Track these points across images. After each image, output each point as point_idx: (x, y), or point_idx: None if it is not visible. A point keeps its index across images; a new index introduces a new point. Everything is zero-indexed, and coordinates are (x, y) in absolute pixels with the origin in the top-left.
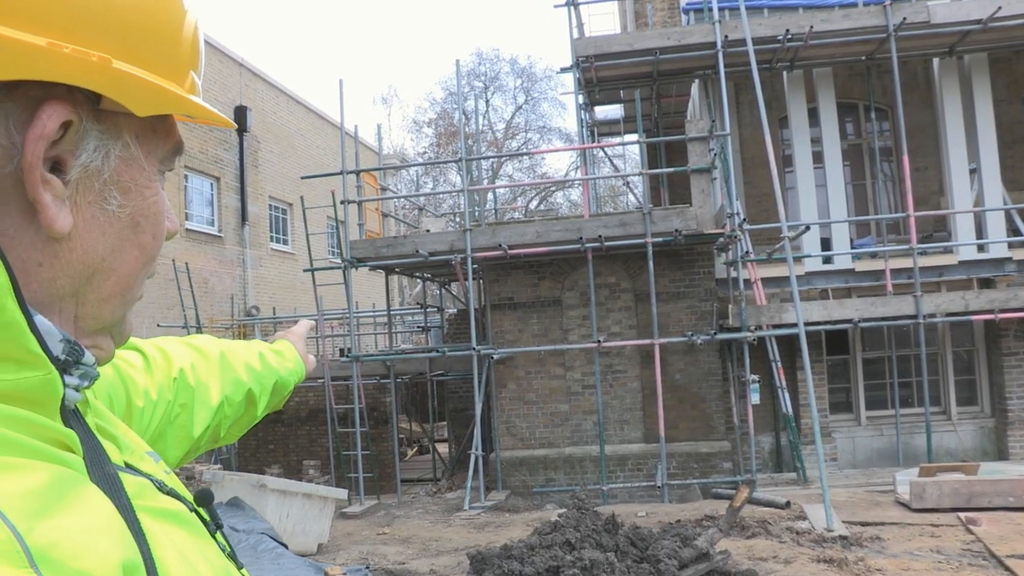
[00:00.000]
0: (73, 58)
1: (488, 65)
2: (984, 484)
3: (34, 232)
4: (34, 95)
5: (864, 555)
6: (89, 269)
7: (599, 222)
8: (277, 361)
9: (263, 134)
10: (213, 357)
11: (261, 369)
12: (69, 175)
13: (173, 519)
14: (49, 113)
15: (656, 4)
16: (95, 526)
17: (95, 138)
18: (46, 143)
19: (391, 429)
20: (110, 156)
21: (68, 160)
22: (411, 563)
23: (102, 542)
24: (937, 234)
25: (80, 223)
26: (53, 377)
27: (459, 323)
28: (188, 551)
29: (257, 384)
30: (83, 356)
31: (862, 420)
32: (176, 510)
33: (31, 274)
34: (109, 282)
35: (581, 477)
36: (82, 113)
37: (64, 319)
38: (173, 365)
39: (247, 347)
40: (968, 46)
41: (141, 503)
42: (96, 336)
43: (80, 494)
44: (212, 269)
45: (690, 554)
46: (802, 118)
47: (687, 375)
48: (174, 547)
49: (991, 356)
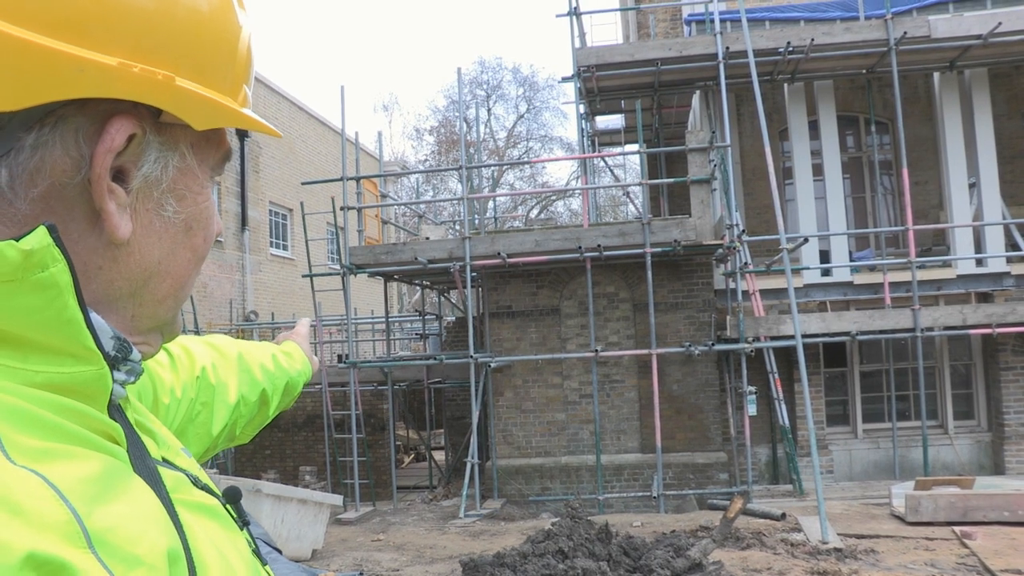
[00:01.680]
0: (141, 77)
1: (490, 74)
2: (980, 498)
3: (96, 237)
4: (103, 110)
5: (858, 568)
6: (146, 272)
7: (598, 231)
8: (287, 362)
9: (264, 139)
10: (231, 357)
11: (274, 370)
12: (131, 185)
13: (207, 513)
14: (117, 127)
15: (658, 15)
16: (144, 514)
17: (155, 150)
18: (113, 156)
19: (388, 436)
20: (168, 166)
21: (131, 170)
22: (405, 570)
23: (151, 530)
24: (936, 248)
25: (139, 229)
26: (105, 372)
27: (457, 331)
28: (221, 544)
29: (270, 384)
30: (131, 353)
31: (859, 433)
32: (210, 504)
33: (91, 276)
34: (165, 284)
35: (577, 486)
36: (145, 127)
37: (121, 318)
38: (196, 364)
39: (260, 348)
40: (968, 61)
41: (178, 496)
42: (148, 334)
43: (129, 484)
44: (211, 274)
45: (683, 564)
46: (802, 130)
47: (684, 386)
48: (209, 539)
49: (988, 370)
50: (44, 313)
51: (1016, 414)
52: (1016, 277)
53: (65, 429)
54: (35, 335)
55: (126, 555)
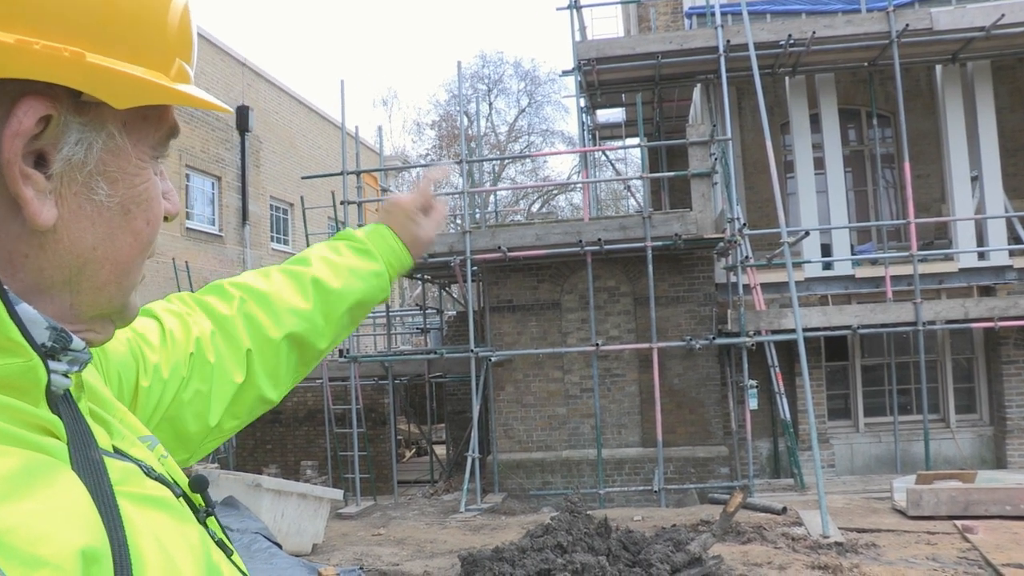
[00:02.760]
0: (44, 54)
1: (492, 68)
2: (981, 492)
3: (20, 225)
4: (10, 91)
5: (859, 562)
6: (80, 259)
7: (599, 225)
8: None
9: (265, 134)
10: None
11: (309, 307)
12: (52, 169)
13: (156, 504)
14: (25, 110)
15: (659, 8)
16: (59, 512)
17: (76, 131)
18: (24, 139)
19: (389, 430)
20: (93, 148)
21: (51, 153)
22: (405, 564)
23: (64, 529)
24: (938, 241)
25: (66, 214)
26: (35, 364)
27: (458, 325)
28: (168, 538)
29: (308, 323)
30: (71, 342)
31: (860, 427)
32: (160, 496)
33: (18, 265)
34: (104, 270)
35: (578, 480)
36: (61, 107)
37: (58, 307)
38: (191, 337)
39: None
40: (971, 53)
41: (124, 489)
42: (93, 321)
43: (51, 480)
44: (212, 268)
45: (683, 559)
46: (804, 124)
47: (685, 380)
48: (152, 535)
49: (990, 364)
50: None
51: (1018, 408)
52: (1018, 270)
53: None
54: None
55: (26, 556)
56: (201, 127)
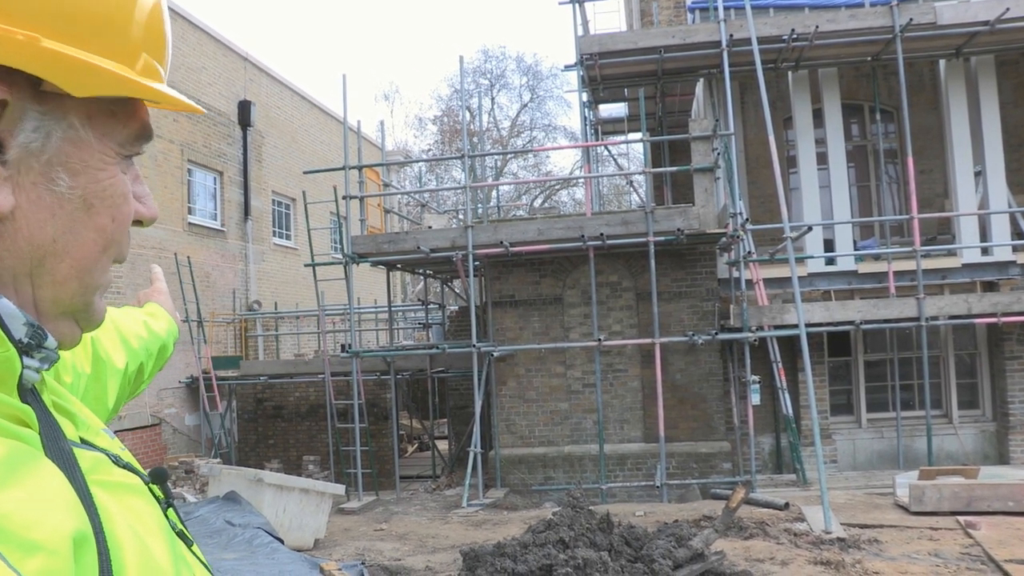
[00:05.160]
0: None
1: (494, 62)
2: (984, 488)
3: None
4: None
5: (862, 557)
6: (40, 250)
7: (601, 220)
8: (156, 325)
9: (267, 129)
10: (110, 328)
11: (147, 337)
12: (7, 155)
13: (128, 491)
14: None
15: (661, 2)
16: (48, 498)
17: (34, 118)
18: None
19: (391, 425)
20: (52, 137)
21: (6, 140)
22: (407, 559)
23: (54, 514)
24: (941, 236)
25: (24, 203)
26: (10, 356)
27: (460, 320)
28: (140, 524)
29: (145, 353)
30: (46, 340)
31: (863, 422)
32: (131, 483)
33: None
34: (63, 265)
35: (580, 476)
36: (18, 93)
37: (22, 300)
38: (88, 338)
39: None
40: (975, 48)
41: (95, 477)
42: (58, 320)
43: (34, 467)
44: (214, 263)
45: (685, 554)
46: (807, 119)
47: (688, 375)
48: (125, 521)
49: (993, 360)
50: None
51: (1021, 404)
52: (1022, 266)
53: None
54: None
55: (23, 541)
56: (203, 122)
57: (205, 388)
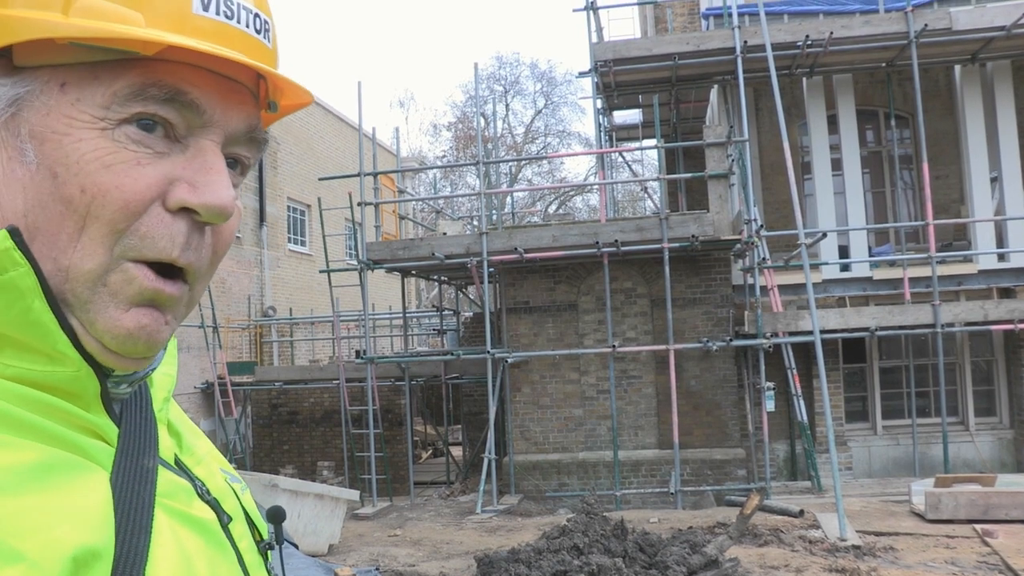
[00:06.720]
0: None
1: (508, 69)
2: (1002, 496)
3: None
4: None
5: (877, 565)
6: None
7: (616, 227)
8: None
9: (282, 135)
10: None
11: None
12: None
13: (195, 526)
14: None
15: (676, 9)
16: (64, 511)
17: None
18: None
19: (405, 431)
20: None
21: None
22: (421, 565)
23: (60, 528)
24: (957, 243)
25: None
26: (84, 374)
27: (475, 326)
28: (197, 559)
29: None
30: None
31: (878, 429)
32: (203, 518)
33: None
34: (35, 243)
35: (594, 482)
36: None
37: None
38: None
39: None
40: (991, 53)
41: (167, 502)
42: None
43: (69, 479)
44: (229, 269)
45: (699, 561)
46: (821, 125)
47: (702, 381)
48: (180, 549)
49: (1010, 366)
50: (7, 314)
51: None
52: None
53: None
54: (7, 331)
55: (7, 549)
56: None
57: (220, 393)
